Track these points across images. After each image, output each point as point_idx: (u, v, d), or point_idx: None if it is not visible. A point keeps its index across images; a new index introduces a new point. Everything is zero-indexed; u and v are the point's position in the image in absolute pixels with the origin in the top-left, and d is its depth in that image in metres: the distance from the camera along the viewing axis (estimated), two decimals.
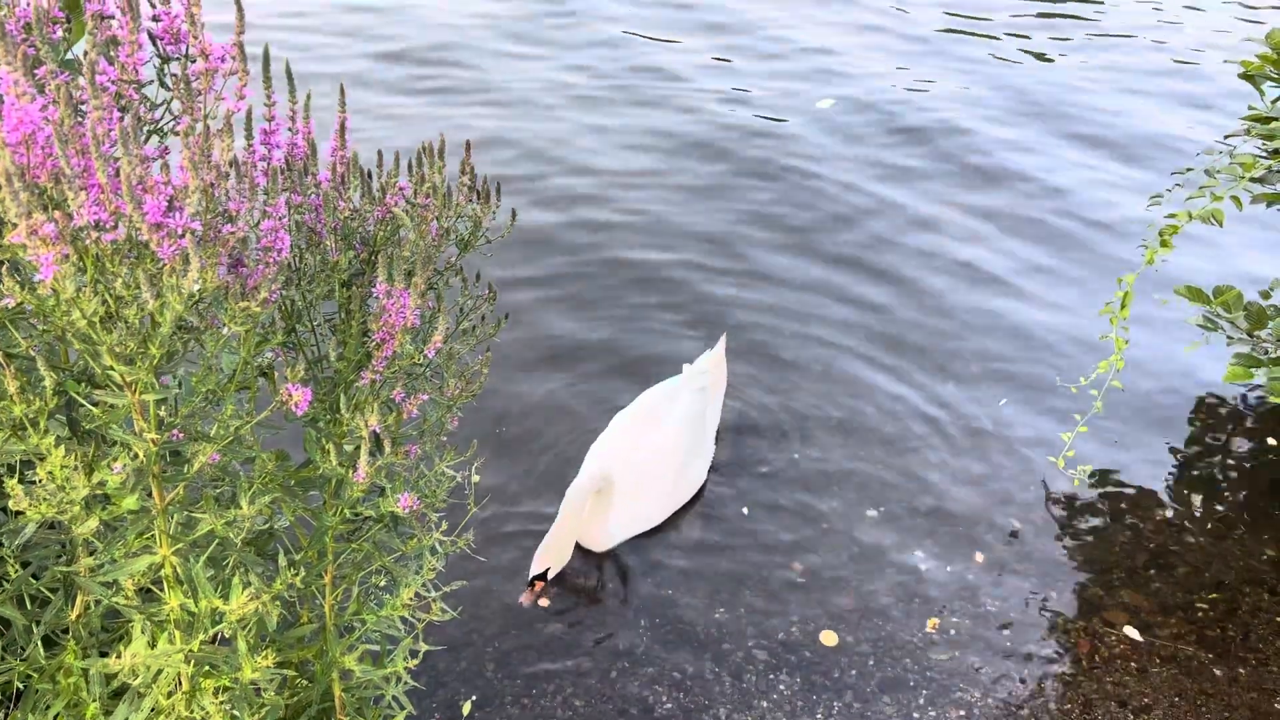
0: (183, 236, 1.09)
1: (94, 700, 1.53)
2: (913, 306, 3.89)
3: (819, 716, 2.38)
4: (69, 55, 1.47)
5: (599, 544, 2.77)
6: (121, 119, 1.07)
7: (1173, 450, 3.26)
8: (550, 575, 2.63)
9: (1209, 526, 2.98)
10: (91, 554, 1.44)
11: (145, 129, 1.32)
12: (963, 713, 2.41)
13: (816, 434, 3.24)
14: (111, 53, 1.18)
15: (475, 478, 1.74)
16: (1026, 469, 3.14)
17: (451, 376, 1.55)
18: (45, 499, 1.24)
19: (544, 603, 2.60)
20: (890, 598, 2.70)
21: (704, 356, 3.19)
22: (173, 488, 1.35)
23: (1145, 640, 2.62)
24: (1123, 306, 2.92)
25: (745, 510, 2.96)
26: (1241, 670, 2.55)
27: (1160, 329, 3.78)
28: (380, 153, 1.49)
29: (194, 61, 1.23)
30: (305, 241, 1.43)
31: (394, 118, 5.01)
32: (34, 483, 1.26)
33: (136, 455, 1.27)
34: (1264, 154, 3.02)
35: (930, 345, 3.67)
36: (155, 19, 1.26)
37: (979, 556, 2.84)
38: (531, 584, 2.61)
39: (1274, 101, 3.13)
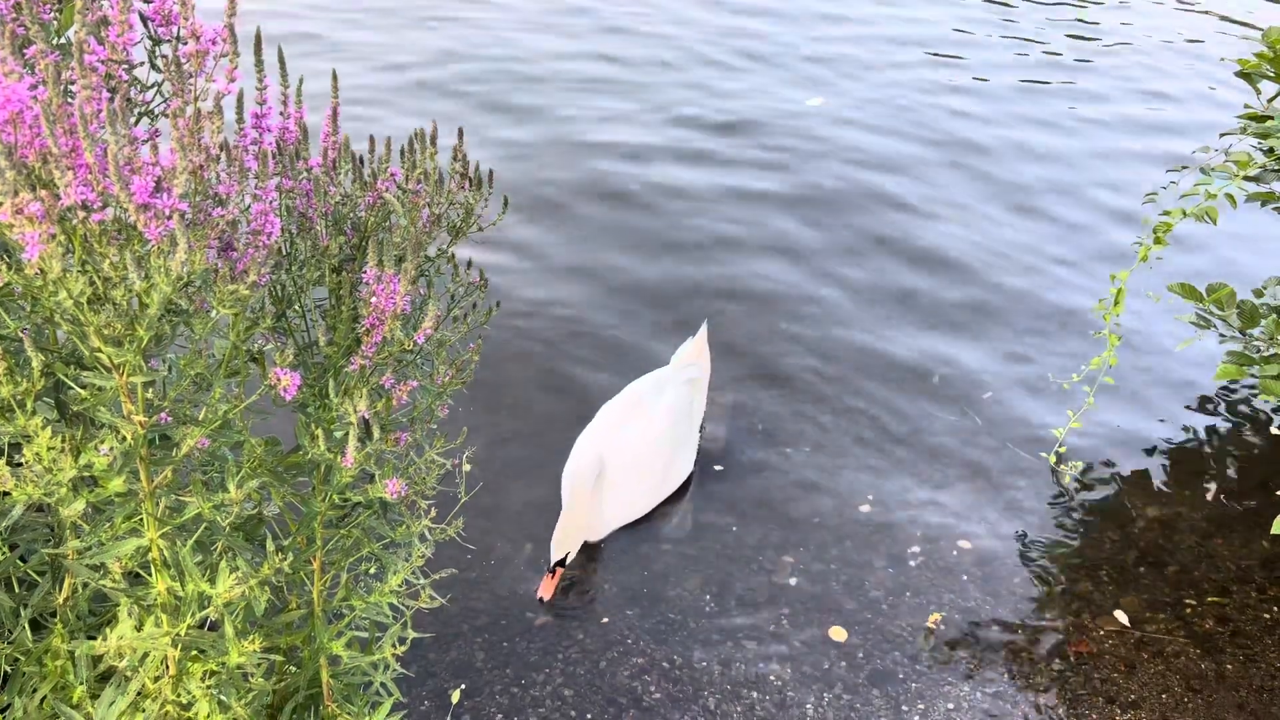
0: (170, 218, 1.09)
1: (81, 683, 1.53)
2: (906, 299, 3.89)
3: (808, 707, 2.39)
4: (62, 40, 1.46)
5: (591, 533, 2.77)
6: (111, 99, 1.06)
7: (1163, 448, 3.27)
8: (568, 560, 2.62)
9: (1199, 524, 2.99)
10: (79, 537, 1.44)
11: (136, 111, 1.32)
12: (951, 706, 2.42)
13: (808, 426, 3.24)
14: (101, 33, 1.18)
15: (466, 466, 1.74)
16: (1018, 465, 3.14)
17: (442, 364, 1.55)
18: (32, 480, 1.23)
19: (548, 593, 2.59)
20: (880, 591, 2.70)
21: (685, 345, 3.19)
22: (160, 471, 1.34)
23: (1134, 636, 2.63)
24: (1116, 303, 2.92)
25: (737, 502, 2.96)
26: (1229, 667, 2.56)
27: (1153, 326, 3.78)
28: (372, 137, 1.48)
29: (185, 43, 1.22)
30: (296, 226, 1.43)
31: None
32: (21, 464, 1.25)
33: (124, 438, 1.27)
34: (1259, 152, 3.02)
35: (922, 338, 3.67)
36: (146, 0, 1.26)
37: (969, 551, 2.84)
38: (551, 571, 2.59)
39: (1270, 100, 3.13)
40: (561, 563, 2.60)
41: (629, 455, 2.82)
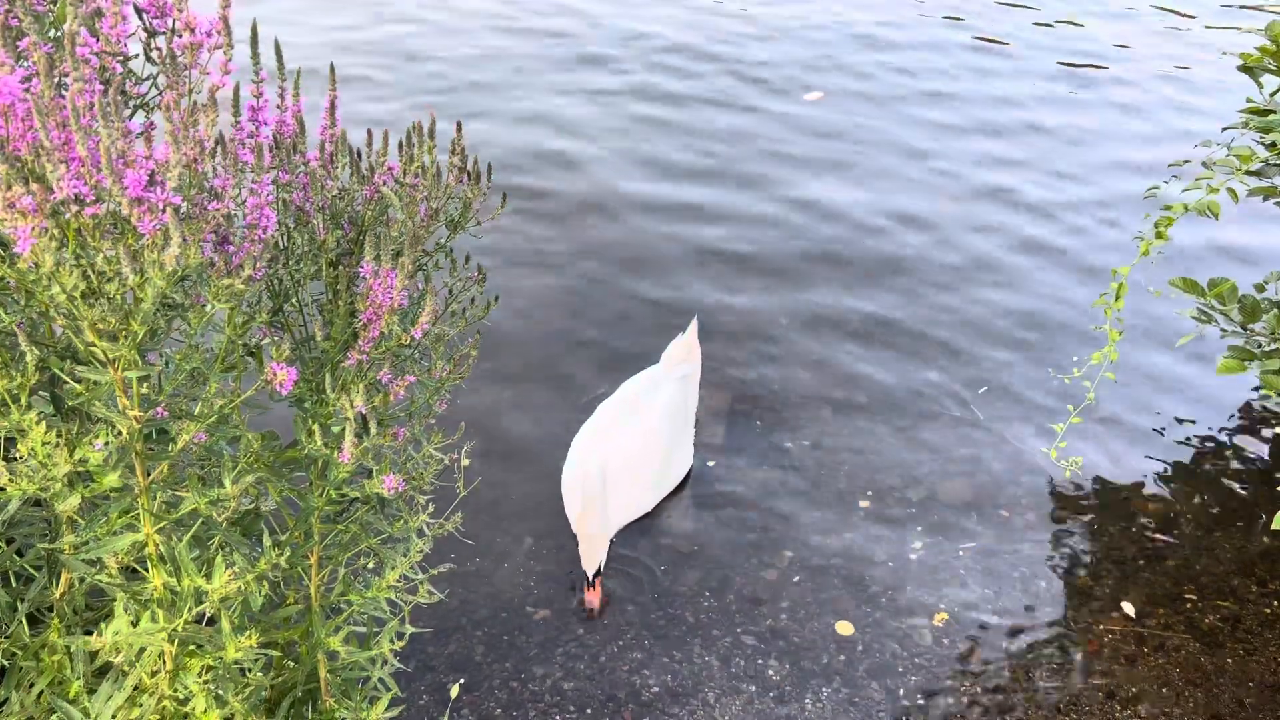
0: (164, 211, 1.08)
1: (78, 678, 1.53)
2: (905, 295, 3.88)
3: (807, 701, 2.39)
4: (57, 34, 1.45)
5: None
6: (104, 92, 1.05)
7: (1164, 443, 3.26)
8: (602, 568, 2.60)
9: (1199, 518, 2.98)
10: (75, 532, 1.44)
11: (131, 104, 1.31)
12: (950, 701, 2.41)
13: (807, 423, 3.24)
14: (95, 25, 1.17)
15: (465, 461, 1.73)
16: (1019, 460, 3.14)
17: (439, 359, 1.55)
18: (27, 475, 1.23)
19: (595, 603, 2.57)
20: (879, 586, 2.70)
21: (676, 341, 3.18)
22: (156, 466, 1.34)
23: (1134, 631, 2.63)
24: (1117, 298, 2.91)
25: (735, 499, 2.96)
26: (1229, 661, 2.55)
27: (1154, 321, 3.77)
28: (370, 131, 1.47)
29: (179, 35, 1.21)
30: (293, 220, 1.42)
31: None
32: (16, 459, 1.25)
33: (120, 433, 1.26)
34: (1261, 146, 3.01)
35: (922, 334, 3.66)
36: None
37: (970, 546, 2.84)
38: (591, 584, 2.57)
39: (1272, 94, 3.11)
40: (598, 572, 2.58)
41: (629, 455, 2.82)
